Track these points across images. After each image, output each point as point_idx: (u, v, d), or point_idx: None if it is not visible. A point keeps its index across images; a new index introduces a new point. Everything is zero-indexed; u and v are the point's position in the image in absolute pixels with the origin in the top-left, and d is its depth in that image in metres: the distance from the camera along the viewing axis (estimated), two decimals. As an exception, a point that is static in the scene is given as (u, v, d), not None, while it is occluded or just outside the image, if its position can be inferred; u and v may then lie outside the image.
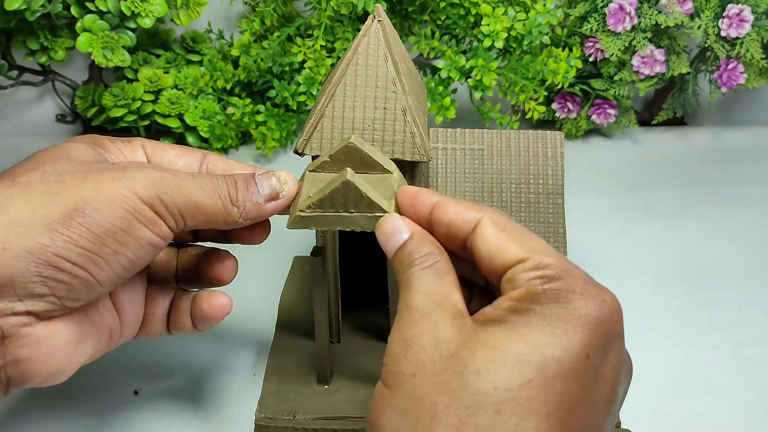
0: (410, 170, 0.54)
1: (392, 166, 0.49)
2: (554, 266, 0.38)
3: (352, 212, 0.46)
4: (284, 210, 0.49)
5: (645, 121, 1.08)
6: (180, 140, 1.01)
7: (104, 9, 0.87)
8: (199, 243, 0.55)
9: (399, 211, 0.46)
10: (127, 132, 1.03)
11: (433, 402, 0.35)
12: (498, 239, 0.40)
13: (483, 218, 0.41)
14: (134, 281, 0.50)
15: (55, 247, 0.40)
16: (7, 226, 0.39)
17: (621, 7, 0.93)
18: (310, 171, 0.50)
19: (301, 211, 0.47)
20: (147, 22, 0.88)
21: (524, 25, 0.88)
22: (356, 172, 0.46)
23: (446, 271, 0.41)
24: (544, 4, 0.89)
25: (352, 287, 0.64)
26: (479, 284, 0.46)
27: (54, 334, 0.42)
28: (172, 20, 0.95)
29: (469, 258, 0.42)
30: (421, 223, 0.44)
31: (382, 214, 0.45)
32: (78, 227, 0.40)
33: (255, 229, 0.51)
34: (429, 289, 0.40)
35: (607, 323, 0.37)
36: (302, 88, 0.93)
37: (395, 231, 0.43)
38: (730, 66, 0.97)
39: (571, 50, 0.96)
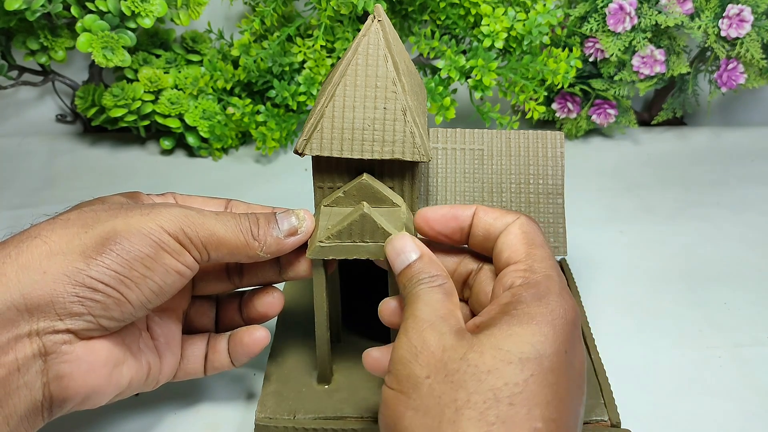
0: (410, 170, 0.54)
1: (400, 200, 0.54)
2: (539, 271, 0.44)
3: (367, 242, 0.50)
4: (302, 244, 0.53)
5: (645, 122, 1.08)
6: (180, 140, 1.01)
7: (104, 9, 0.87)
8: (246, 287, 0.58)
9: (418, 229, 0.51)
10: (127, 132, 1.04)
11: (453, 398, 0.39)
12: (515, 238, 0.46)
13: (516, 221, 0.47)
14: (171, 325, 0.54)
15: (89, 270, 0.44)
16: (47, 255, 0.44)
17: (621, 8, 0.93)
18: (325, 206, 0.54)
19: (321, 242, 0.50)
20: (147, 22, 0.88)
21: (524, 25, 0.88)
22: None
23: (452, 293, 0.46)
24: (544, 4, 0.89)
25: (352, 287, 0.64)
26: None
27: (92, 352, 0.46)
28: (172, 20, 0.95)
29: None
30: (456, 234, 0.50)
31: None
32: (109, 253, 0.45)
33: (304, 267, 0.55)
34: (436, 304, 0.44)
35: (574, 323, 0.43)
36: (302, 88, 0.93)
37: (405, 249, 0.48)
38: (730, 66, 0.97)
39: (571, 50, 0.96)
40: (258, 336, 0.55)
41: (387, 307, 0.50)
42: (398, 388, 0.41)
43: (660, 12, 0.93)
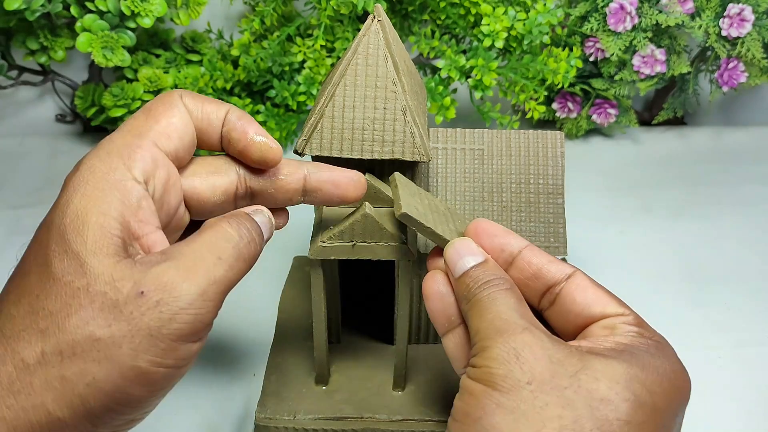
0: (410, 170, 0.54)
1: None
2: (649, 330, 0.45)
3: (369, 242, 0.50)
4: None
5: (645, 121, 1.08)
6: (180, 140, 1.01)
7: (104, 9, 0.87)
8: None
9: (466, 233, 0.48)
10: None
11: (557, 414, 0.38)
12: (596, 292, 0.45)
13: (577, 272, 0.46)
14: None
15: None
16: None
17: (622, 7, 0.93)
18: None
19: (323, 241, 0.50)
20: (147, 22, 0.88)
21: (524, 24, 0.88)
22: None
23: (522, 298, 0.44)
24: (545, 4, 0.89)
25: (352, 287, 0.64)
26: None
27: None
28: (171, 20, 0.95)
29: (541, 301, 0.47)
30: (493, 256, 0.47)
31: (396, 244, 0.50)
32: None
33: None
34: (518, 308, 0.43)
35: (687, 401, 0.43)
36: (302, 88, 0.93)
37: (470, 252, 0.46)
38: (731, 65, 0.97)
39: (571, 50, 0.96)
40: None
41: (439, 295, 0.47)
42: (490, 383, 0.40)
43: (661, 11, 0.93)
